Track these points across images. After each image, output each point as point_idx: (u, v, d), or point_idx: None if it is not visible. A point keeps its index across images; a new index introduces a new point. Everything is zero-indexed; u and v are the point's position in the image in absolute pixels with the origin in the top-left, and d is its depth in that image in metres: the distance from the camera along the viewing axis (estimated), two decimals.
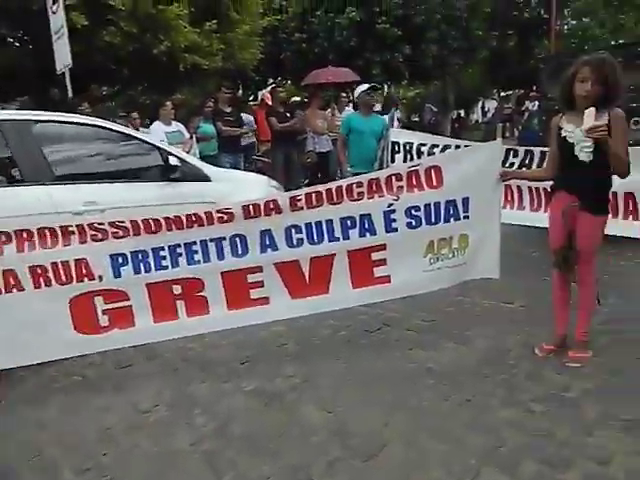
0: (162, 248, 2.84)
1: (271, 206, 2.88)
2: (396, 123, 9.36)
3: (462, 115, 26.10)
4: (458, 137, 14.68)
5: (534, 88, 11.66)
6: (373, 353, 3.13)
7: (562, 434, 2.25)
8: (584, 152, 2.62)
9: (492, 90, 26.76)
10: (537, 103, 8.07)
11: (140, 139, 4.04)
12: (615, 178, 2.75)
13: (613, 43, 10.59)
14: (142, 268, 2.82)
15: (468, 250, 3.08)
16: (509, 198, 4.07)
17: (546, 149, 3.21)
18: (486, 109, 30.08)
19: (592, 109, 2.50)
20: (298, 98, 9.73)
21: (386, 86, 22.07)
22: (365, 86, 5.00)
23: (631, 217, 3.43)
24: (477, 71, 21.08)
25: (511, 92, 26.33)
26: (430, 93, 20.13)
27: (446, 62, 14.08)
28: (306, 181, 8.38)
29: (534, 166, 3.93)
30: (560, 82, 2.81)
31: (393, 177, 2.96)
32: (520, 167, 3.99)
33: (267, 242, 2.91)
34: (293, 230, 2.91)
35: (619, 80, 2.56)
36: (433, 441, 2.25)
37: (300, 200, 2.89)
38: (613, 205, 3.44)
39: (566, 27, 20.17)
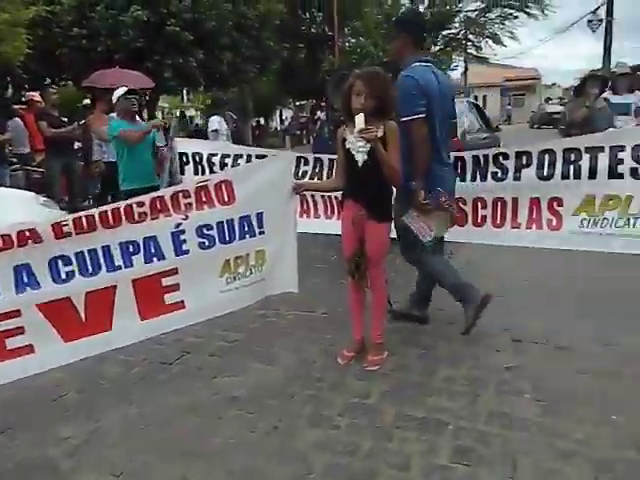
0: None
1: (27, 235, 2.34)
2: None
3: (262, 123, 26.78)
4: (259, 144, 14.93)
5: (324, 99, 12.45)
6: (172, 388, 2.80)
7: (366, 445, 2.25)
8: (359, 152, 2.71)
9: (288, 99, 28.04)
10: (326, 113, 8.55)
11: None
12: None
13: (385, 60, 11.86)
14: None
15: (266, 266, 2.97)
16: (305, 207, 4.12)
17: (334, 157, 3.30)
18: (284, 117, 31.45)
19: (362, 114, 2.61)
20: (89, 101, 8.61)
21: (185, 91, 21.40)
22: (123, 89, 4.44)
23: None
24: (273, 80, 21.81)
25: (305, 102, 27.97)
26: (229, 100, 20.11)
27: (240, 70, 14.15)
28: (96, 193, 7.50)
29: (324, 173, 4.01)
30: (341, 95, 2.89)
31: (180, 194, 2.69)
32: (312, 175, 4.05)
33: (25, 279, 2.36)
34: (60, 262, 2.43)
35: (391, 93, 2.71)
36: None
37: (66, 226, 2.41)
38: None
39: (348, 44, 22.12)
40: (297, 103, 28.71)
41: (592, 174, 3.12)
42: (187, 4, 11.83)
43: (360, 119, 2.59)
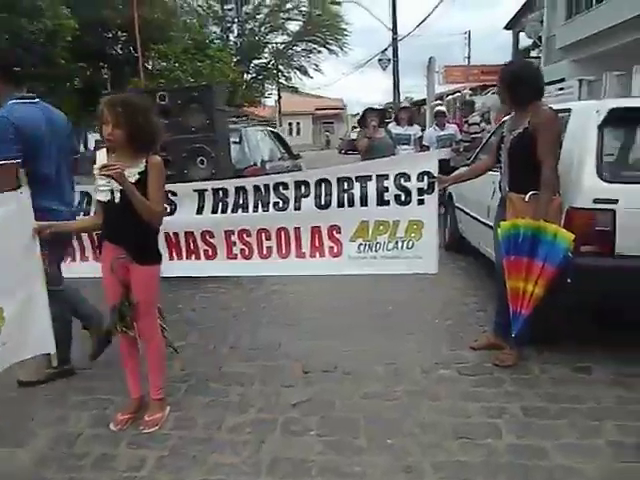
0: None
1: None
2: None
3: None
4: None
5: None
6: None
7: None
8: (100, 191, 2.43)
9: (94, 122, 25.84)
10: None
11: None
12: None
13: (187, 86, 11.51)
14: None
15: (5, 328, 2.42)
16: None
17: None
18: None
19: (103, 149, 2.36)
20: None
21: None
22: None
23: (194, 256, 3.48)
24: (74, 101, 19.84)
25: None
26: None
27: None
28: None
29: (92, 206, 3.48)
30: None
31: None
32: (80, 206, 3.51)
33: None
34: None
35: (144, 122, 2.38)
36: None
37: None
38: (175, 245, 3.43)
39: (156, 68, 21.26)
40: None
41: (363, 202, 3.26)
42: None
43: (101, 155, 2.29)
